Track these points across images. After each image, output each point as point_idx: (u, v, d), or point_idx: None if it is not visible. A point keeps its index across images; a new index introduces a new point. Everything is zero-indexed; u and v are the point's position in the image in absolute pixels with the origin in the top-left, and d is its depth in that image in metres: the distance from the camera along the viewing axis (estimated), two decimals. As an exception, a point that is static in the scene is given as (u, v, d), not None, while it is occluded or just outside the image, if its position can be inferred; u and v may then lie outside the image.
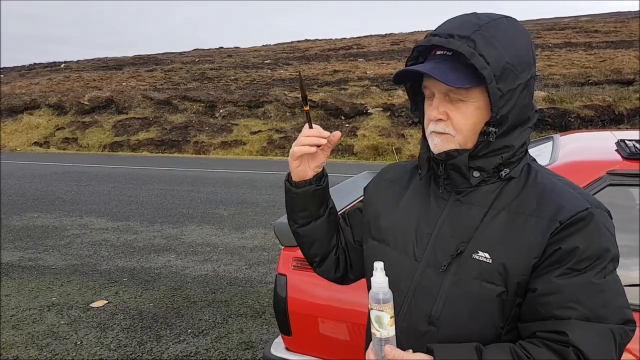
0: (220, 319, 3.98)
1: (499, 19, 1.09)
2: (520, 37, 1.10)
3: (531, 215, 1.08)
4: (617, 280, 1.07)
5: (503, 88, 1.05)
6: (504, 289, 1.08)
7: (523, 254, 1.07)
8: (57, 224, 6.99)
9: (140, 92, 21.66)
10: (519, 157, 1.13)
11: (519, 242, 1.08)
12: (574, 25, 31.53)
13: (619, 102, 14.81)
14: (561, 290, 1.04)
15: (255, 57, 31.39)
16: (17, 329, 3.81)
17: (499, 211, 1.11)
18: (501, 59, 1.04)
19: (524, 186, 1.13)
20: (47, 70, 34.38)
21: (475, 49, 1.04)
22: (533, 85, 1.11)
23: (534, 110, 1.14)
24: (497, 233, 1.10)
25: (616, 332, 1.03)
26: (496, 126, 1.08)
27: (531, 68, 1.10)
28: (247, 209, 7.80)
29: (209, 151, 17.00)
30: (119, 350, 3.49)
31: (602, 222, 1.07)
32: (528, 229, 1.08)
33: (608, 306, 1.04)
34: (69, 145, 18.98)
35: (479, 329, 1.11)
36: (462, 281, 1.11)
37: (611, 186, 1.82)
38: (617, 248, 1.08)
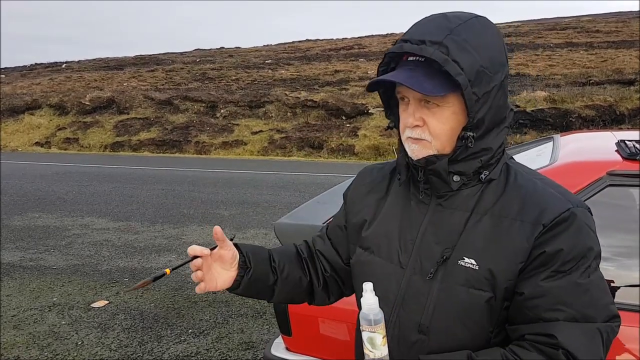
0: (221, 319, 3.98)
1: (470, 20, 1.07)
2: (492, 38, 1.08)
3: (515, 219, 1.08)
4: (601, 278, 1.08)
5: (478, 92, 1.03)
6: (492, 295, 1.07)
7: (509, 259, 1.06)
8: (58, 224, 7.00)
9: (141, 92, 21.68)
10: (497, 158, 1.12)
11: (504, 247, 1.07)
12: (575, 25, 31.51)
13: (620, 102, 14.80)
14: (548, 292, 1.04)
15: (257, 57, 31.40)
16: (18, 329, 3.82)
17: (481, 215, 1.10)
18: (475, 63, 1.02)
19: (504, 188, 1.12)
20: (48, 71, 34.42)
21: (449, 54, 1.01)
22: (507, 84, 1.10)
23: (510, 110, 1.13)
24: (481, 238, 1.09)
25: (603, 330, 1.04)
26: (473, 130, 1.06)
27: (504, 68, 1.08)
28: (248, 209, 7.80)
29: (210, 151, 17.01)
30: (120, 351, 3.49)
31: (584, 221, 1.06)
32: (513, 233, 1.07)
33: (594, 305, 1.04)
34: (70, 146, 19.00)
35: (469, 335, 1.10)
36: (450, 288, 1.10)
37: (611, 186, 1.82)
38: (599, 244, 1.08)
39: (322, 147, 16.05)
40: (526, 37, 28.93)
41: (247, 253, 1.27)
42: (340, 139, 16.19)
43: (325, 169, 12.60)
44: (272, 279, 1.28)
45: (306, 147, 16.32)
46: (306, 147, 16.32)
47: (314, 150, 16.15)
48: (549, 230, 1.05)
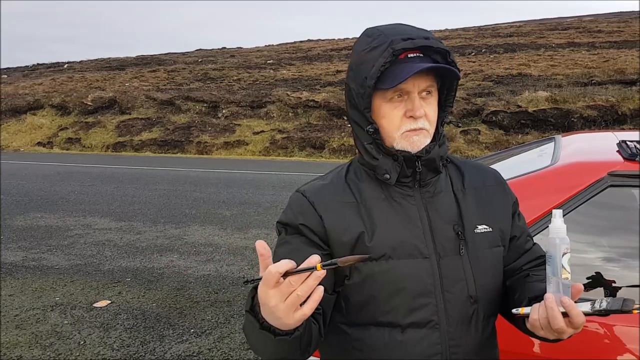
0: (223, 319, 3.99)
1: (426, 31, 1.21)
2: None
3: (487, 185, 1.30)
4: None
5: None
6: (504, 247, 1.28)
7: (506, 215, 1.29)
8: (61, 224, 7.02)
9: (143, 93, 21.72)
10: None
11: (497, 208, 1.28)
12: (577, 25, 31.48)
13: (622, 102, 14.78)
14: (523, 229, 1.33)
15: (258, 58, 31.42)
16: (20, 328, 3.83)
17: (461, 191, 1.26)
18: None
19: (456, 166, 1.31)
20: (50, 71, 34.48)
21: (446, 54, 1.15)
22: None
23: None
24: (477, 207, 1.26)
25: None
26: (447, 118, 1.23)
27: None
28: (249, 209, 7.81)
29: (212, 151, 17.03)
30: (122, 350, 3.50)
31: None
32: (495, 196, 1.29)
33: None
34: (72, 146, 19.04)
35: (498, 286, 1.27)
36: (479, 254, 1.22)
37: (612, 187, 1.82)
38: None
39: (324, 147, 16.06)
40: (528, 37, 28.91)
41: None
42: (342, 139, 16.20)
43: (326, 169, 12.56)
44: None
45: (308, 147, 16.33)
46: (308, 147, 16.33)
47: (315, 150, 16.16)
48: (505, 186, 1.33)
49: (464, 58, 24.75)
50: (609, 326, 1.70)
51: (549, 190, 1.88)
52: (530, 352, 1.71)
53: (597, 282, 1.86)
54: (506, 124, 15.36)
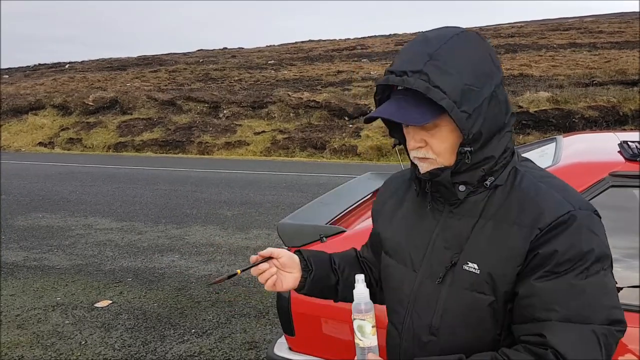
0: (224, 319, 3.99)
1: (450, 40, 1.08)
2: (475, 52, 1.09)
3: (513, 223, 1.10)
4: (604, 281, 1.06)
5: (468, 109, 1.05)
6: (494, 298, 1.11)
7: (507, 263, 1.09)
8: (62, 224, 7.02)
9: (144, 93, 21.73)
10: (503, 163, 1.14)
11: (503, 251, 1.10)
12: (579, 26, 31.46)
13: (623, 102, 14.77)
14: (541, 292, 1.06)
15: (259, 58, 31.43)
16: (22, 328, 3.84)
17: (487, 220, 1.13)
18: (458, 83, 1.05)
19: (508, 193, 1.13)
20: (51, 71, 34.51)
21: (430, 81, 1.04)
22: (502, 91, 1.12)
23: (510, 114, 1.14)
24: (485, 243, 1.12)
25: (599, 333, 1.03)
26: (471, 144, 1.09)
27: (493, 78, 1.10)
28: (250, 209, 7.82)
29: (213, 152, 17.03)
30: (123, 350, 3.51)
31: (584, 224, 1.06)
32: (511, 237, 1.09)
33: (591, 307, 1.04)
34: (74, 146, 19.05)
35: (475, 337, 1.14)
36: (457, 292, 1.14)
37: (614, 187, 1.82)
38: (606, 248, 1.08)
39: (325, 148, 16.06)
40: (529, 38, 28.90)
41: (308, 257, 1.36)
42: (343, 140, 16.19)
43: (327, 170, 12.60)
44: (334, 279, 1.38)
45: (309, 148, 16.33)
46: (309, 148, 16.33)
47: (316, 150, 16.16)
48: (545, 233, 1.06)
49: (465, 58, 24.72)
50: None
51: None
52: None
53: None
54: (507, 124, 15.35)
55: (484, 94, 1.07)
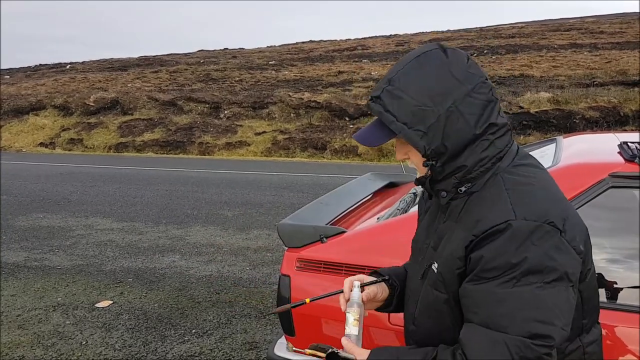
0: (225, 319, 4.00)
1: (409, 63, 1.17)
2: (430, 73, 1.14)
3: (462, 228, 1.16)
4: (536, 293, 1.05)
5: (422, 127, 1.14)
6: (447, 296, 1.19)
7: (452, 265, 1.17)
8: (63, 225, 7.03)
9: (145, 93, 21.75)
10: (480, 171, 1.17)
11: (449, 253, 1.18)
12: (580, 26, 31.45)
13: (624, 103, 14.77)
14: (469, 294, 1.12)
15: (260, 58, 31.44)
16: (23, 328, 3.84)
17: (455, 224, 1.21)
18: (407, 105, 1.14)
19: (481, 197, 1.18)
20: (52, 71, 34.54)
21: (384, 106, 1.17)
22: (467, 105, 1.14)
23: (487, 124, 1.16)
24: (446, 245, 1.21)
25: (512, 344, 1.04)
26: (435, 158, 1.17)
27: (451, 94, 1.13)
28: (251, 209, 7.82)
29: (214, 152, 17.04)
30: (124, 350, 3.51)
31: (520, 234, 1.07)
32: (455, 240, 1.17)
33: (509, 316, 1.05)
34: (75, 146, 19.07)
35: (439, 330, 1.23)
36: (426, 289, 1.26)
37: (613, 188, 1.82)
38: (550, 261, 1.06)
39: (326, 148, 16.07)
40: (530, 38, 28.89)
41: (389, 275, 1.43)
42: (344, 140, 16.19)
43: (328, 170, 12.61)
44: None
45: (309, 148, 16.34)
46: (309, 148, 16.34)
47: (317, 151, 16.16)
48: (479, 240, 1.11)
49: (465, 59, 24.71)
50: (610, 327, 1.70)
51: (550, 192, 1.88)
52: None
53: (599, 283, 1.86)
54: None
55: (439, 111, 1.13)
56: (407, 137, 1.15)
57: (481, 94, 1.15)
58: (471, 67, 1.17)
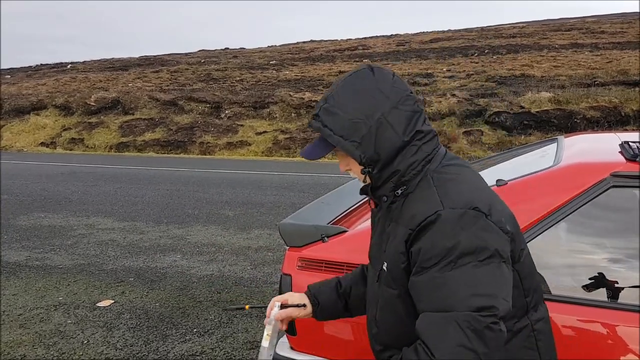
0: (226, 318, 4.00)
1: (342, 82, 1.31)
2: (360, 89, 1.28)
3: (401, 225, 1.28)
4: (472, 272, 1.16)
5: (357, 138, 1.26)
6: (399, 291, 1.29)
7: (397, 261, 1.28)
8: (64, 224, 7.04)
9: (146, 93, 21.75)
10: (413, 173, 1.29)
11: (393, 250, 1.29)
12: (581, 26, 31.42)
13: (625, 103, 14.75)
14: (415, 286, 1.23)
15: (261, 58, 31.45)
16: (24, 328, 3.85)
17: (396, 224, 1.32)
18: (342, 120, 1.27)
19: (415, 197, 1.30)
20: (53, 71, 34.56)
21: (322, 122, 1.29)
22: (395, 116, 1.27)
23: (414, 132, 1.29)
24: (390, 243, 1.32)
25: (461, 320, 1.13)
26: (371, 165, 1.29)
27: (379, 107, 1.26)
28: (252, 209, 7.82)
29: (215, 152, 17.05)
30: (125, 350, 3.52)
31: (449, 221, 1.19)
32: (397, 237, 1.28)
33: (453, 297, 1.15)
34: (76, 146, 19.08)
35: (400, 328, 1.32)
36: (382, 289, 1.36)
37: (615, 188, 1.82)
38: (480, 241, 1.17)
39: (327, 148, 16.06)
40: (531, 38, 28.88)
41: (314, 293, 1.60)
42: (345, 140, 16.19)
43: (329, 170, 12.60)
44: (341, 304, 1.60)
45: (310, 148, 16.33)
46: (310, 148, 16.33)
47: (318, 151, 16.15)
48: (416, 233, 1.23)
49: (466, 59, 24.74)
50: (612, 326, 1.71)
51: (551, 191, 1.88)
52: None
53: (600, 282, 1.86)
54: (509, 124, 15.35)
55: (369, 123, 1.25)
56: (344, 148, 1.27)
57: (407, 105, 1.28)
58: (396, 83, 1.30)
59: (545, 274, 1.88)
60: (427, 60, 25.51)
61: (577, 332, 1.73)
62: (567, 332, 1.73)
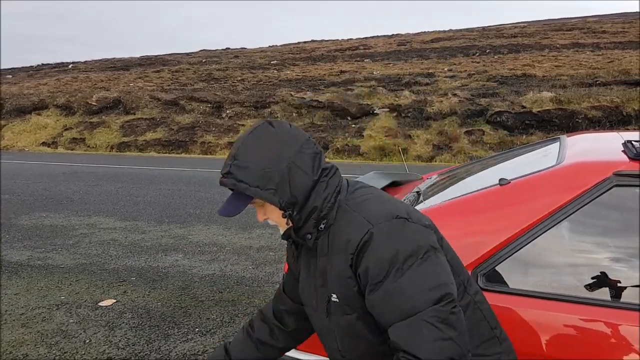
0: (228, 318, 4.00)
1: (245, 139, 1.38)
2: (265, 141, 1.37)
3: (339, 253, 1.36)
4: (419, 270, 1.27)
5: (272, 186, 1.34)
6: (357, 314, 1.37)
7: (347, 286, 1.36)
8: (66, 224, 7.05)
9: (147, 93, 21.76)
10: (328, 207, 1.39)
11: (340, 278, 1.36)
12: (582, 26, 31.39)
13: (626, 103, 14.73)
14: (375, 303, 1.30)
15: (262, 58, 31.45)
16: (26, 327, 3.85)
17: (330, 255, 1.39)
18: (255, 171, 1.34)
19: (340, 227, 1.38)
20: (55, 71, 34.58)
21: (236, 179, 1.36)
22: (301, 158, 1.37)
23: (320, 169, 1.40)
24: (332, 274, 1.39)
25: (429, 316, 1.24)
26: (290, 208, 1.37)
27: (286, 154, 1.35)
28: (253, 209, 7.81)
29: (216, 151, 17.05)
30: (127, 349, 3.52)
31: (383, 235, 1.30)
32: (341, 265, 1.35)
33: (413, 299, 1.25)
34: (77, 146, 19.10)
35: (367, 347, 1.40)
36: (337, 319, 1.42)
37: (618, 187, 1.82)
38: (414, 242, 1.30)
39: (328, 148, 16.06)
40: (532, 38, 28.85)
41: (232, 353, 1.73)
42: (346, 140, 16.20)
43: (330, 170, 12.59)
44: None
45: (311, 148, 16.33)
46: (311, 148, 16.33)
47: (319, 150, 16.15)
48: (357, 256, 1.32)
49: (468, 59, 24.72)
50: (615, 326, 1.70)
51: (554, 190, 1.88)
52: (537, 352, 1.72)
53: (602, 282, 1.86)
54: (510, 124, 15.34)
55: (280, 169, 1.34)
56: (263, 197, 1.35)
57: (309, 148, 1.39)
58: (295, 131, 1.41)
59: (548, 273, 1.88)
60: (429, 60, 25.50)
61: (579, 332, 1.73)
62: (569, 331, 1.72)
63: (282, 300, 1.75)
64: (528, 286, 1.81)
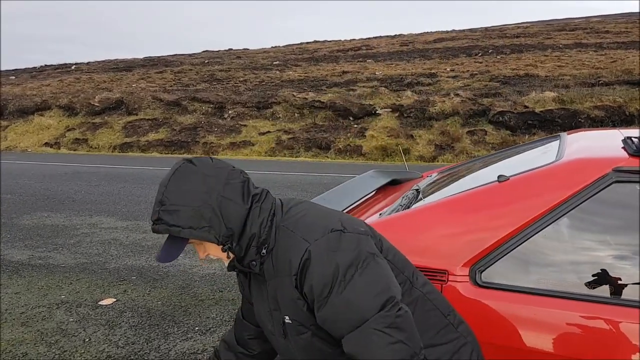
0: (228, 317, 3.99)
1: (169, 183, 1.37)
2: (189, 181, 1.37)
3: (284, 275, 1.38)
4: (361, 280, 1.29)
5: (205, 224, 1.34)
6: (311, 331, 1.40)
7: (296, 306, 1.38)
8: (67, 223, 7.05)
9: (150, 94, 21.79)
10: (266, 231, 1.40)
11: (289, 299, 1.39)
12: (585, 26, 31.34)
13: (629, 102, 14.70)
14: (326, 318, 1.33)
15: (264, 59, 31.48)
16: (26, 326, 3.85)
17: (277, 278, 1.41)
18: (185, 213, 1.33)
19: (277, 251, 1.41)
20: (57, 72, 34.67)
21: (167, 224, 1.35)
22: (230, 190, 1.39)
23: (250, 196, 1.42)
24: (282, 296, 1.41)
25: (377, 323, 1.27)
26: (228, 241, 1.38)
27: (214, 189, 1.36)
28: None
29: (218, 152, 17.06)
30: (127, 348, 3.51)
31: (322, 251, 1.32)
32: (287, 286, 1.38)
33: (360, 308, 1.28)
34: (79, 146, 19.13)
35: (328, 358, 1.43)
36: (295, 340, 1.45)
37: (617, 183, 1.81)
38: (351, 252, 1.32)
39: (330, 148, 16.06)
40: (535, 38, 28.81)
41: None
42: (348, 140, 16.19)
43: (332, 170, 12.60)
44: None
45: (313, 148, 16.33)
46: (313, 148, 16.33)
47: (321, 150, 16.16)
48: (299, 276, 1.34)
49: (470, 59, 24.70)
50: (616, 324, 1.69)
51: (553, 187, 1.87)
52: (540, 350, 1.71)
53: (603, 279, 1.85)
54: (513, 124, 15.31)
55: (211, 204, 1.34)
56: (198, 236, 1.36)
57: (235, 178, 1.42)
58: (217, 163, 1.44)
59: (548, 270, 1.86)
60: (431, 60, 25.48)
61: (580, 329, 1.72)
62: (570, 328, 1.71)
63: (243, 327, 1.77)
64: (527, 283, 1.80)
